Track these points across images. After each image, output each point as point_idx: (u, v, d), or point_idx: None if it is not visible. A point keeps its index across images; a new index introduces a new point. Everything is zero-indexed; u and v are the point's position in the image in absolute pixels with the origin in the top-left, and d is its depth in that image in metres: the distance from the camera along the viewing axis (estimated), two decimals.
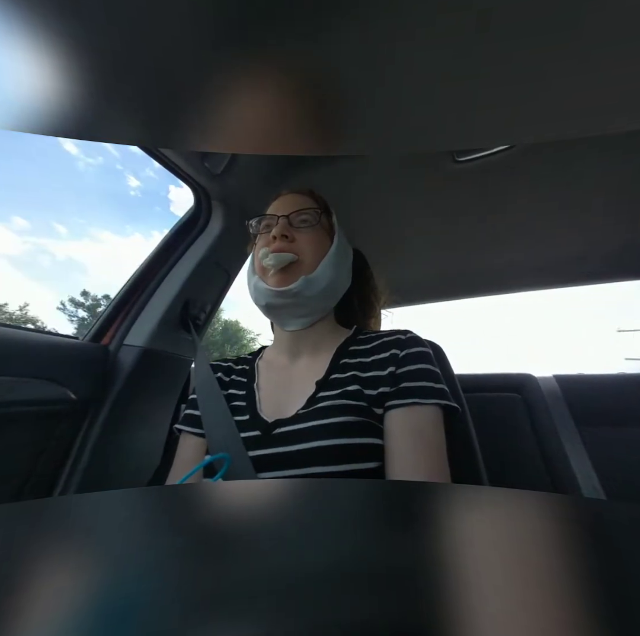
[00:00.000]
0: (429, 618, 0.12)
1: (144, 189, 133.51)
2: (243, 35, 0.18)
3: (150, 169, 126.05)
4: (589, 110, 0.22)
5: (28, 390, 0.59)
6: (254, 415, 0.48)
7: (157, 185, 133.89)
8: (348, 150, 0.26)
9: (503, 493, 0.21)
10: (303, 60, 0.19)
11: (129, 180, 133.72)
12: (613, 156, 0.74)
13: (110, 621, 0.12)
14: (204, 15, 0.17)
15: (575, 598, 0.13)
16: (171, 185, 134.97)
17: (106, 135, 0.25)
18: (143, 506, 0.22)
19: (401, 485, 0.30)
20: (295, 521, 0.19)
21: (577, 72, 0.19)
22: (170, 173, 0.76)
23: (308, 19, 0.17)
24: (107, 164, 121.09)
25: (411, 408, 0.43)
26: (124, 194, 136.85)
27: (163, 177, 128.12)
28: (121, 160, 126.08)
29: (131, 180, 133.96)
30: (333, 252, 0.54)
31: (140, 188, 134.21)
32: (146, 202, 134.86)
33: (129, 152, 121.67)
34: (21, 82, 0.20)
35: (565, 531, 0.17)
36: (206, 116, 0.23)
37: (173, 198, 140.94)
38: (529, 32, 0.17)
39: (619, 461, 0.90)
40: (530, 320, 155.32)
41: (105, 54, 0.19)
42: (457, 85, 0.20)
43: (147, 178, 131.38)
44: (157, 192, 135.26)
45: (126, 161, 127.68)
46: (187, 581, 0.14)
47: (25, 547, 0.16)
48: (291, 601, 0.12)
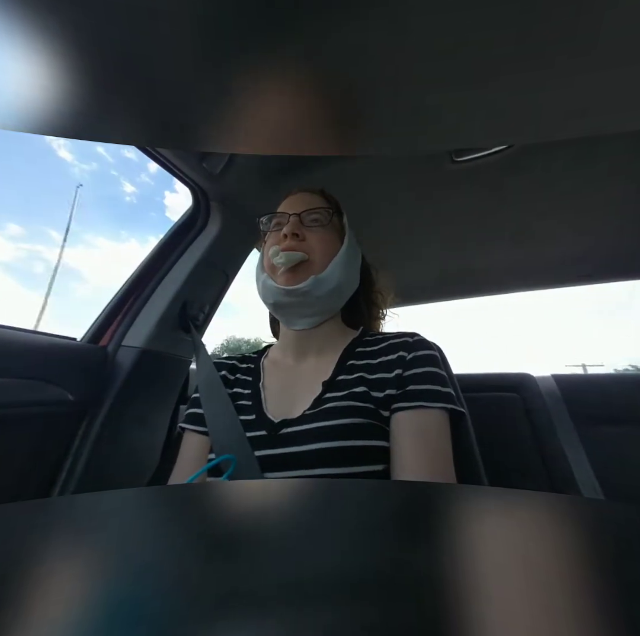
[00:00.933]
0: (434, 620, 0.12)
1: (140, 195, 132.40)
2: (243, 34, 0.18)
3: (146, 175, 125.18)
4: (589, 111, 0.22)
5: (26, 391, 0.59)
6: (260, 414, 0.48)
7: (153, 191, 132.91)
8: (348, 151, 0.26)
9: (503, 493, 0.21)
10: (303, 61, 0.19)
11: (124, 185, 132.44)
12: (612, 157, 0.74)
13: (111, 622, 0.12)
14: (204, 14, 0.17)
15: (575, 598, 0.13)
16: (166, 190, 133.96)
17: (106, 135, 0.25)
18: (147, 506, 0.22)
19: (404, 486, 0.30)
20: (297, 521, 0.19)
21: (576, 72, 0.19)
22: (165, 179, 0.77)
23: (308, 19, 0.17)
24: (101, 170, 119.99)
25: (417, 411, 0.43)
26: (119, 200, 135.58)
27: (158, 182, 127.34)
28: (116, 165, 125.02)
29: (126, 186, 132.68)
30: (343, 253, 0.54)
31: (135, 193, 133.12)
32: (142, 207, 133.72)
33: (124, 157, 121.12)
34: (21, 82, 0.20)
35: (565, 531, 0.17)
36: (206, 116, 0.23)
37: (168, 204, 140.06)
38: (529, 32, 0.17)
39: (617, 460, 0.90)
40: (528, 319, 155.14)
41: (104, 54, 0.19)
42: (458, 85, 0.20)
43: (143, 183, 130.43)
44: (153, 197, 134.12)
45: (121, 167, 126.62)
46: (190, 581, 0.14)
47: (25, 547, 0.16)
48: (300, 604, 0.12)
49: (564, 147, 0.72)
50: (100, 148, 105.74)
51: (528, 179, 0.81)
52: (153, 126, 0.25)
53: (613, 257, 1.11)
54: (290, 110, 0.22)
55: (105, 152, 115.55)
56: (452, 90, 0.21)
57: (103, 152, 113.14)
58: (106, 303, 0.82)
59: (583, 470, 0.90)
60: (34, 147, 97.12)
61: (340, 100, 0.22)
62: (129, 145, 0.59)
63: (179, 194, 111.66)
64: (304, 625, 0.11)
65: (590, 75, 0.19)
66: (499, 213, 0.94)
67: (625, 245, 1.04)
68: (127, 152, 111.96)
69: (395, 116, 0.23)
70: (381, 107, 0.22)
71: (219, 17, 0.17)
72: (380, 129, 0.25)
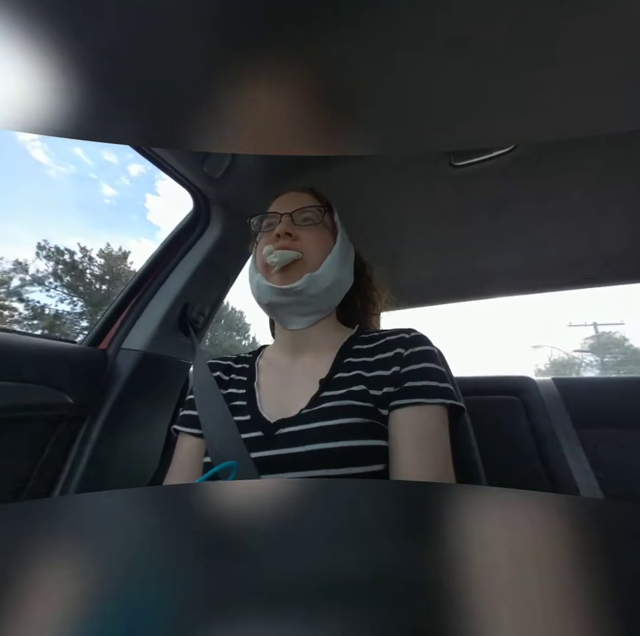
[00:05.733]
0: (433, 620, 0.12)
1: (120, 198, 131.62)
2: (243, 34, 0.18)
3: (127, 178, 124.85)
4: (588, 111, 0.22)
5: (26, 394, 0.59)
6: (255, 414, 0.47)
7: (134, 194, 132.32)
8: (348, 151, 0.26)
9: (503, 493, 0.21)
10: (303, 61, 0.19)
11: (103, 188, 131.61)
12: (611, 158, 0.74)
13: (112, 622, 0.12)
14: (204, 14, 0.17)
15: (575, 598, 0.13)
16: (148, 193, 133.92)
17: (106, 136, 0.25)
18: (143, 506, 0.22)
19: (405, 485, 0.30)
20: (297, 522, 0.19)
21: (575, 71, 0.19)
22: (146, 182, 0.77)
23: (308, 19, 0.17)
24: (79, 173, 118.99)
25: (416, 407, 0.43)
26: (98, 203, 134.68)
27: (140, 185, 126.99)
28: (95, 168, 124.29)
29: (106, 189, 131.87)
30: (337, 250, 0.53)
31: (115, 197, 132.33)
32: (122, 210, 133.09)
33: (103, 160, 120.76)
34: (21, 82, 0.20)
35: (564, 531, 0.17)
36: (206, 116, 0.23)
37: (150, 207, 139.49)
38: (529, 32, 0.17)
39: (616, 462, 0.90)
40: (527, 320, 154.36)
41: (105, 54, 0.19)
42: (457, 86, 0.20)
43: (123, 186, 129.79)
44: (134, 200, 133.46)
45: (100, 170, 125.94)
46: (190, 581, 0.14)
47: (25, 547, 0.16)
48: (300, 604, 0.13)
49: (562, 151, 0.73)
50: (78, 149, 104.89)
51: (527, 183, 0.82)
52: (153, 126, 0.25)
53: (613, 259, 1.11)
54: (290, 110, 0.22)
55: (83, 154, 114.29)
56: (452, 90, 0.21)
57: (81, 154, 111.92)
58: (107, 307, 0.82)
59: (582, 472, 0.90)
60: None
61: (340, 100, 0.22)
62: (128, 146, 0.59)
63: (160, 197, 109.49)
64: (305, 626, 0.12)
65: (590, 75, 0.19)
66: (497, 217, 0.95)
67: (625, 248, 1.05)
68: (106, 155, 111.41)
69: (396, 116, 0.23)
70: (381, 107, 0.22)
71: (219, 17, 0.17)
72: (381, 128, 0.25)
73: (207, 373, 0.57)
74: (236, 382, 0.56)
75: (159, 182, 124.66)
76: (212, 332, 27.91)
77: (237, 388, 0.54)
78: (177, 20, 0.17)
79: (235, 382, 0.56)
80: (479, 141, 0.27)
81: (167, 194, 22.65)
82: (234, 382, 0.56)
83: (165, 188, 72.66)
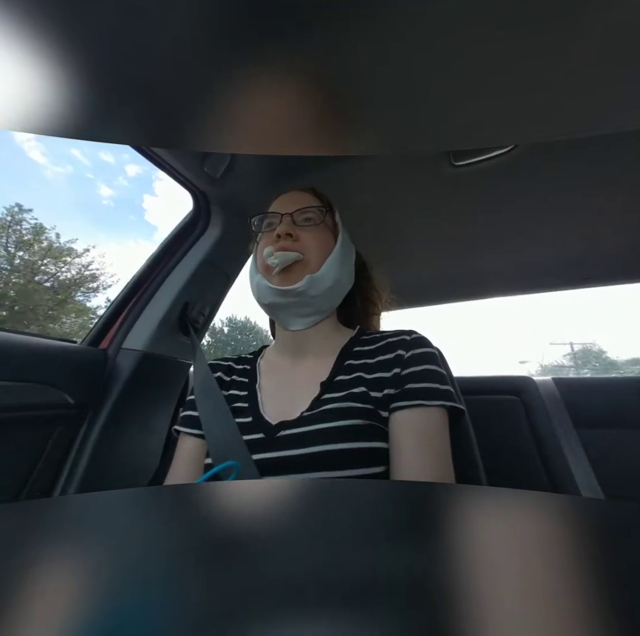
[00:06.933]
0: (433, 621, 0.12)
1: (117, 198, 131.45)
2: (243, 34, 0.18)
3: (124, 178, 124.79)
4: (588, 111, 0.22)
5: (27, 394, 0.59)
6: (257, 416, 0.47)
7: (131, 194, 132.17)
8: (348, 151, 0.26)
9: (503, 494, 0.21)
10: (303, 61, 0.19)
11: (100, 189, 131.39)
12: (611, 160, 0.74)
13: (112, 622, 0.12)
14: (204, 13, 0.17)
15: (575, 598, 0.13)
16: (146, 194, 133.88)
17: (106, 136, 0.25)
18: (144, 507, 0.22)
19: (405, 486, 0.30)
20: (297, 522, 0.19)
21: (575, 72, 0.19)
22: (144, 182, 0.77)
23: (307, 19, 0.17)
24: (76, 173, 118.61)
25: (416, 410, 0.43)
26: (95, 203, 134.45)
27: (137, 185, 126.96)
28: (92, 169, 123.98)
29: (103, 189, 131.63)
30: (338, 251, 0.53)
31: (113, 197, 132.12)
32: (120, 210, 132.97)
33: (101, 160, 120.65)
34: (21, 82, 0.20)
35: (564, 531, 0.17)
36: (206, 116, 0.23)
37: (147, 207, 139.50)
38: (529, 32, 0.17)
39: (616, 462, 0.90)
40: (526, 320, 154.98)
41: (105, 54, 0.19)
42: (457, 86, 0.20)
43: (121, 187, 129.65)
44: (131, 200, 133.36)
45: (97, 170, 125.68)
46: (189, 581, 0.14)
47: (25, 547, 0.16)
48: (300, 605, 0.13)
49: (562, 151, 0.73)
50: (75, 151, 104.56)
51: (526, 183, 0.82)
52: (153, 126, 0.25)
53: (612, 260, 1.11)
54: (290, 110, 0.22)
55: (80, 155, 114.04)
56: (452, 90, 0.21)
57: (78, 154, 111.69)
58: (107, 306, 0.82)
59: (583, 471, 0.90)
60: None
61: (340, 99, 0.22)
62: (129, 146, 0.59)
63: (157, 198, 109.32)
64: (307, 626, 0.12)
65: (591, 75, 0.19)
66: (498, 217, 0.95)
67: (624, 248, 1.05)
68: (104, 155, 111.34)
69: (396, 116, 0.23)
70: (381, 107, 0.22)
71: (218, 17, 0.17)
72: (381, 129, 0.25)
73: (208, 373, 0.57)
74: (238, 383, 0.56)
75: (156, 183, 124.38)
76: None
77: (239, 389, 0.54)
78: (178, 19, 0.17)
79: (236, 384, 0.56)
80: (479, 141, 0.27)
81: (165, 195, 22.46)
82: (236, 383, 0.56)
83: (163, 188, 72.40)
